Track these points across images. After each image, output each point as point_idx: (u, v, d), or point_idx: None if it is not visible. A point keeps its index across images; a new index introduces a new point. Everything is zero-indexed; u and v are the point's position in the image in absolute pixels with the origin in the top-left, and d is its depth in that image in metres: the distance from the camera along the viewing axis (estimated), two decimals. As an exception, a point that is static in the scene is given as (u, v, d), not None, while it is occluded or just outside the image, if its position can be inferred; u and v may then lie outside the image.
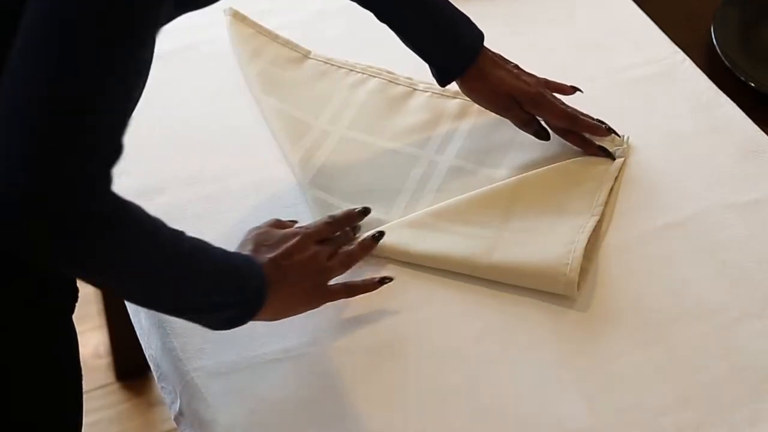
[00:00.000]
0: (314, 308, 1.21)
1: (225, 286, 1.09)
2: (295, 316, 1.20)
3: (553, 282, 1.26)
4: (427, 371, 1.21)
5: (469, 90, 1.38)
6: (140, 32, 0.92)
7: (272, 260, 1.16)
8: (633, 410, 1.18)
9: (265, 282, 1.13)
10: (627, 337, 1.24)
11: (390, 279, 1.25)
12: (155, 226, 1.02)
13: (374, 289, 1.24)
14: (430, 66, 1.38)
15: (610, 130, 1.39)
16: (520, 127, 1.39)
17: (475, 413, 1.18)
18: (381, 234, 1.27)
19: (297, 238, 1.19)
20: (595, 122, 1.39)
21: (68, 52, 0.88)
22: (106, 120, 0.92)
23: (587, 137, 1.39)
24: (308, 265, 1.19)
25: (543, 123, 1.38)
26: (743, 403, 1.19)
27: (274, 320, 1.17)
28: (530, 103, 1.37)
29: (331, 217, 1.26)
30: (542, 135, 1.38)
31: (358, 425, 1.17)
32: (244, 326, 1.22)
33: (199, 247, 1.07)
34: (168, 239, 1.03)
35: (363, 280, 1.24)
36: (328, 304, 1.22)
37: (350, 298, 1.24)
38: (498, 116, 1.41)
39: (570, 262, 1.26)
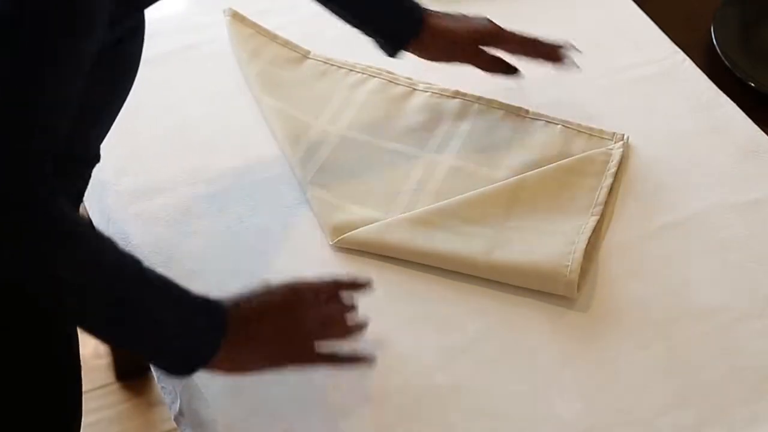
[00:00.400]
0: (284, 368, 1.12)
1: (181, 315, 1.02)
2: None
3: (553, 283, 1.26)
4: (427, 371, 1.21)
5: (424, 50, 1.38)
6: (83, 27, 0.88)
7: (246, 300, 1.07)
8: (633, 410, 1.18)
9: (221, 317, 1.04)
10: (627, 337, 1.24)
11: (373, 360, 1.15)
12: (102, 242, 0.97)
13: (363, 364, 1.15)
14: (378, 39, 1.37)
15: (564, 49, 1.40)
16: (487, 70, 1.39)
17: (475, 413, 1.18)
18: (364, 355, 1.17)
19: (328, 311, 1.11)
20: (552, 43, 1.39)
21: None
22: (44, 121, 0.88)
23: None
24: (328, 324, 1.11)
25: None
26: (743, 403, 1.19)
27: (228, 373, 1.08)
28: (489, 39, 1.37)
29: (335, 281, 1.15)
30: (511, 70, 1.39)
31: (358, 425, 1.17)
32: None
33: (163, 282, 1.01)
34: (115, 258, 0.98)
35: (351, 356, 1.15)
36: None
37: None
38: (498, 116, 1.41)
39: (570, 263, 1.26)
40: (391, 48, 1.38)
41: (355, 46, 1.54)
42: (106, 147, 1.19)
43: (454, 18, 1.38)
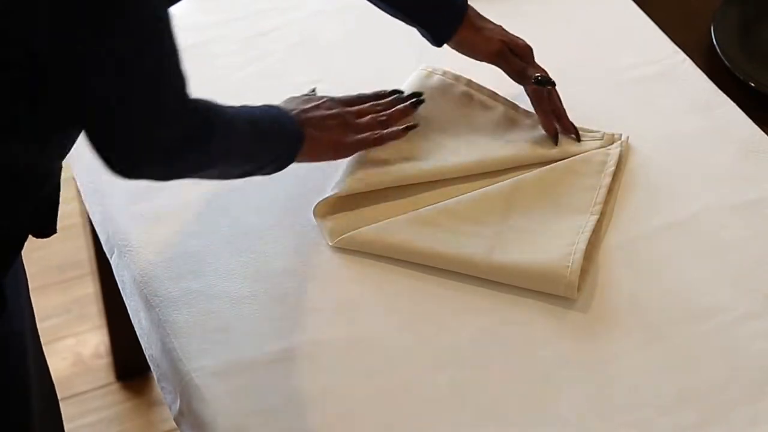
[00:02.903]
0: (344, 156, 1.33)
1: (277, 139, 1.24)
2: (298, 312, 1.21)
3: (554, 284, 1.26)
4: (427, 371, 1.21)
5: (461, 43, 1.39)
6: None
7: (301, 110, 1.29)
8: (633, 410, 1.18)
9: (297, 127, 1.26)
10: (627, 337, 1.24)
11: (415, 125, 1.36)
12: (231, 116, 1.17)
13: (402, 136, 1.35)
14: (421, 29, 1.39)
15: (573, 129, 1.40)
16: (515, 78, 1.40)
17: (475, 413, 1.18)
18: (419, 101, 1.38)
19: (323, 100, 1.32)
20: (563, 108, 1.41)
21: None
22: (174, 66, 1.05)
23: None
24: (334, 117, 1.31)
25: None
26: (743, 403, 1.19)
27: (306, 161, 1.29)
28: (521, 54, 1.39)
29: (360, 94, 1.37)
30: (544, 81, 1.39)
31: (358, 425, 1.17)
32: (244, 326, 1.23)
33: (253, 117, 1.21)
34: (240, 122, 1.18)
35: (390, 130, 1.34)
36: (335, 294, 1.26)
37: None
38: (497, 114, 1.41)
39: (570, 264, 1.26)
40: (434, 39, 1.39)
41: (356, 45, 1.54)
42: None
43: (492, 23, 1.40)
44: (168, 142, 1.07)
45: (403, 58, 1.46)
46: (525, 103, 1.43)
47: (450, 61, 1.44)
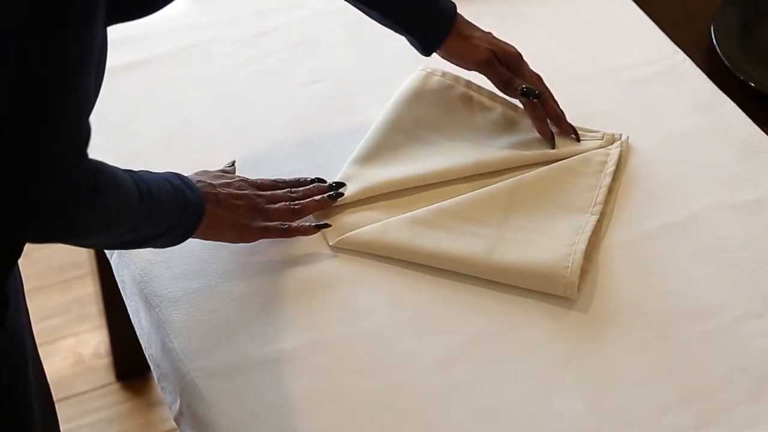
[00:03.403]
0: (245, 242, 1.26)
1: (174, 210, 1.17)
2: (298, 312, 1.22)
3: (554, 284, 1.26)
4: (427, 371, 1.21)
5: (449, 51, 1.39)
6: (84, 23, 0.93)
7: (209, 185, 1.24)
8: (633, 410, 1.18)
9: (202, 202, 1.20)
10: (627, 337, 1.24)
11: (327, 225, 1.30)
12: (124, 182, 1.08)
13: (311, 234, 1.29)
14: (410, 37, 1.38)
15: (572, 130, 1.40)
16: (501, 88, 1.40)
17: (475, 413, 1.18)
18: (338, 193, 1.31)
19: (236, 179, 1.28)
20: (560, 110, 1.40)
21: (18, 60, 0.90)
22: (67, 110, 0.94)
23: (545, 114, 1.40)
24: (242, 198, 1.25)
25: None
26: (743, 403, 1.19)
27: (203, 239, 1.23)
28: (509, 61, 1.38)
29: (277, 179, 1.31)
30: (530, 93, 1.38)
31: (358, 425, 1.17)
32: (244, 326, 1.23)
33: (154, 185, 1.13)
34: (134, 190, 1.09)
35: (300, 225, 1.28)
36: (335, 294, 1.25)
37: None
38: (497, 113, 1.41)
39: (570, 264, 1.26)
40: (423, 49, 1.38)
41: (356, 45, 1.54)
42: (106, 147, 1.19)
43: (481, 30, 1.39)
44: (55, 198, 0.97)
45: (402, 59, 1.46)
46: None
47: (449, 62, 1.44)
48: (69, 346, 2.15)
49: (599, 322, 1.25)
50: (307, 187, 1.32)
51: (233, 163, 1.34)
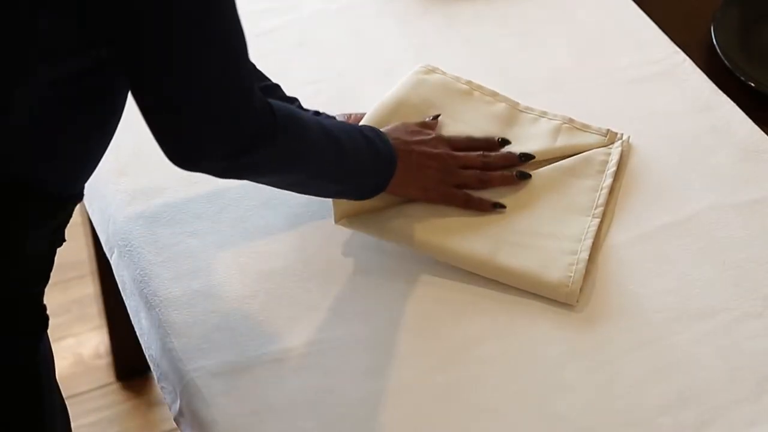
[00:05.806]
0: (428, 201, 1.28)
1: (362, 162, 1.20)
2: (299, 312, 1.22)
3: (555, 293, 1.26)
4: (427, 371, 1.21)
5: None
6: None
7: (403, 141, 1.25)
8: (633, 410, 1.18)
9: (394, 158, 1.22)
10: (627, 337, 1.24)
11: (503, 206, 1.30)
12: (308, 123, 1.13)
13: (488, 211, 1.29)
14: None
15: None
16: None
17: (475, 413, 1.18)
18: (524, 174, 1.32)
19: (431, 136, 1.29)
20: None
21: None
22: (242, 42, 1.02)
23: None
24: (435, 159, 1.27)
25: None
26: (743, 403, 1.19)
27: (388, 192, 1.25)
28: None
29: (471, 138, 1.33)
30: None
31: (358, 425, 1.18)
32: (244, 326, 1.23)
33: (343, 133, 1.17)
34: (319, 133, 1.14)
35: (481, 199, 1.29)
36: (335, 294, 1.25)
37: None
38: (497, 112, 1.40)
39: (573, 274, 1.26)
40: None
41: (356, 45, 1.54)
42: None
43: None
44: (233, 137, 1.04)
45: (402, 59, 1.46)
46: (526, 102, 1.43)
47: (449, 62, 1.44)
48: (69, 346, 2.15)
49: (599, 322, 1.25)
50: (500, 153, 1.33)
51: (437, 117, 1.34)
